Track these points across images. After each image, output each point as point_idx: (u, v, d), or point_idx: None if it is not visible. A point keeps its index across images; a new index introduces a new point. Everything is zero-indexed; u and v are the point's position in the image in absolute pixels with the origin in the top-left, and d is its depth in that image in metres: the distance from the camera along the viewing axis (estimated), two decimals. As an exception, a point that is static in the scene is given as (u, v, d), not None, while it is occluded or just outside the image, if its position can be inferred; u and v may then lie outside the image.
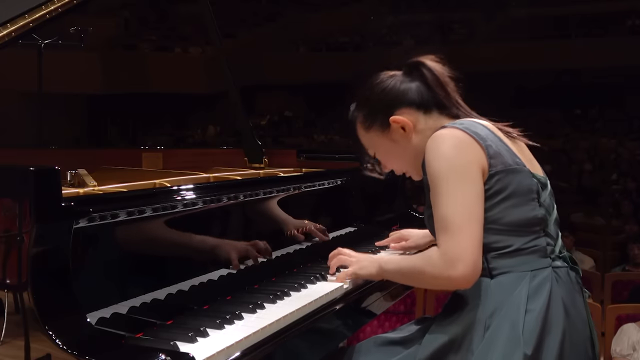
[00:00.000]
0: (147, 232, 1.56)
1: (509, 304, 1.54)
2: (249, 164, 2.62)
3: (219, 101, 12.35)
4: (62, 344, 1.20)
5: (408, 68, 1.75)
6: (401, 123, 1.71)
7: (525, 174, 1.61)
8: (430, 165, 1.58)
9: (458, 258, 1.50)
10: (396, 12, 15.00)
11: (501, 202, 1.58)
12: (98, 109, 13.17)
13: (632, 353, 3.67)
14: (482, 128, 1.63)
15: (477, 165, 1.56)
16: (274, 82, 14.62)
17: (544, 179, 1.66)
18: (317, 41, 16.15)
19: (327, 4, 15.41)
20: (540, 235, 1.61)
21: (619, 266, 5.87)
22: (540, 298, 1.54)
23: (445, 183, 1.55)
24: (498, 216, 1.58)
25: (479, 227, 1.54)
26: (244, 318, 1.52)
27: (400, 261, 1.74)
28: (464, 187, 1.54)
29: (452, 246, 1.52)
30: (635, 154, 12.27)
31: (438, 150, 1.58)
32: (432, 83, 1.72)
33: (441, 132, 1.61)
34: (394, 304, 2.78)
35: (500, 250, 1.58)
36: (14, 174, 1.31)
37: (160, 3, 14.43)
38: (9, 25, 1.98)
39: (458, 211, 1.53)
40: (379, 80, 1.77)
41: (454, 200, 1.53)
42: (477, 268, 1.52)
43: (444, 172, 1.56)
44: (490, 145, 1.59)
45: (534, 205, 1.60)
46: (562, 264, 1.62)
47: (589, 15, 14.80)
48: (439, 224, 1.55)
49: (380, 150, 1.80)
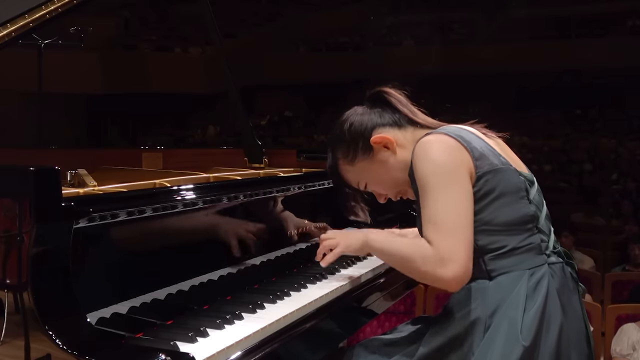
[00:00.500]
0: (147, 232, 1.56)
1: (508, 303, 1.55)
2: (249, 164, 2.62)
3: (219, 101, 12.36)
4: (62, 344, 1.20)
5: (370, 98, 1.81)
6: (383, 141, 1.74)
7: (511, 172, 1.62)
8: (418, 170, 1.59)
9: (451, 258, 1.50)
10: (396, 12, 15.00)
11: (492, 202, 1.58)
12: (98, 109, 13.17)
13: (632, 353, 3.67)
14: (466, 132, 1.65)
15: (464, 168, 1.57)
16: (274, 82, 14.63)
17: (530, 176, 1.67)
18: (317, 41, 16.15)
19: (327, 4, 15.41)
20: (534, 232, 1.61)
21: (619, 266, 5.87)
22: (538, 296, 1.55)
23: (435, 186, 1.55)
24: (490, 217, 1.58)
25: (470, 230, 1.54)
26: (244, 318, 1.52)
27: (390, 243, 1.71)
28: (453, 189, 1.55)
29: (446, 245, 1.51)
30: (635, 154, 12.28)
31: (426, 154, 1.59)
32: (396, 104, 1.77)
33: (427, 138, 1.63)
34: (394, 304, 2.77)
35: (496, 251, 1.59)
36: (14, 174, 1.31)
37: (160, 3, 14.44)
38: (9, 25, 1.98)
39: (450, 212, 1.53)
40: (345, 118, 1.81)
41: (444, 202, 1.54)
42: (468, 271, 1.52)
43: (433, 175, 1.56)
44: (475, 148, 1.60)
45: (524, 202, 1.61)
46: (557, 260, 1.62)
47: (589, 15, 14.80)
48: (430, 225, 1.54)
49: (371, 177, 1.79)
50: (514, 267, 1.58)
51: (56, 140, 3.63)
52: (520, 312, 1.52)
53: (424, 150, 1.60)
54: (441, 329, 1.63)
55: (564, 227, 6.23)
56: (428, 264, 1.53)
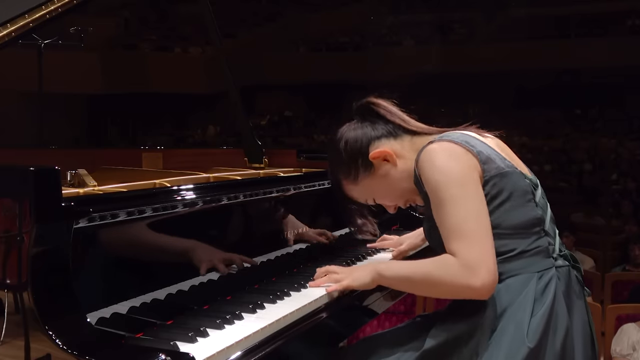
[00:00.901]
0: (147, 232, 1.56)
1: (516, 305, 1.55)
2: (249, 164, 2.62)
3: (219, 101, 12.36)
4: (62, 344, 1.20)
5: (359, 111, 1.79)
6: (381, 155, 1.72)
7: (517, 175, 1.62)
8: (429, 181, 1.58)
9: (479, 265, 1.48)
10: (396, 12, 14.99)
11: (499, 206, 1.58)
12: (98, 109, 13.17)
13: (632, 353, 3.67)
14: (469, 137, 1.64)
15: (475, 173, 1.57)
16: (274, 82, 14.62)
17: (535, 179, 1.67)
18: (317, 41, 16.14)
19: (327, 4, 15.40)
20: (541, 235, 1.61)
21: (619, 266, 5.87)
22: (546, 299, 1.55)
23: (449, 194, 1.54)
24: (499, 220, 1.57)
25: (491, 235, 1.53)
26: (244, 318, 1.52)
27: (406, 268, 1.68)
28: (469, 197, 1.53)
29: (471, 252, 1.49)
30: (635, 154, 12.28)
31: (433, 164, 1.58)
32: (385, 115, 1.76)
33: (431, 146, 1.61)
34: (394, 304, 2.77)
35: (505, 254, 1.58)
36: (14, 174, 1.31)
37: (160, 3, 14.44)
38: (9, 25, 1.98)
39: (469, 219, 1.51)
40: (339, 136, 1.78)
41: (463, 209, 1.52)
42: (496, 276, 1.51)
43: (446, 185, 1.55)
44: (481, 152, 1.59)
45: (531, 205, 1.61)
46: (563, 263, 1.63)
47: (589, 15, 14.79)
48: (451, 233, 1.53)
49: (376, 192, 1.78)
50: (522, 270, 1.58)
51: (56, 140, 3.64)
52: (527, 314, 1.52)
53: (431, 159, 1.59)
54: (447, 327, 1.62)
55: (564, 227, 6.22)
56: (457, 276, 1.50)
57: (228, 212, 1.86)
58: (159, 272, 1.58)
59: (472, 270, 1.48)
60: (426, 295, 1.50)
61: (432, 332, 1.63)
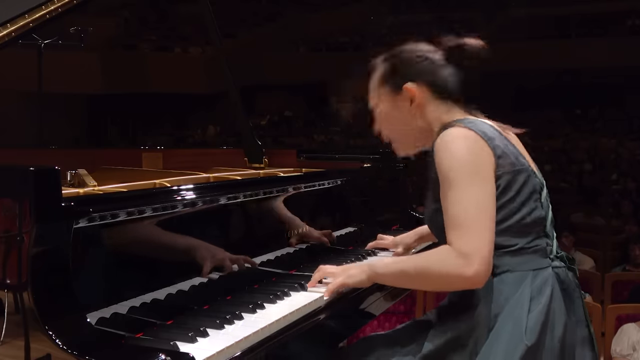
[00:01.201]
0: (147, 232, 1.56)
1: (512, 303, 1.55)
2: (249, 164, 2.62)
3: (219, 101, 12.35)
4: (62, 344, 1.20)
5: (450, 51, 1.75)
6: (412, 95, 1.71)
7: (529, 173, 1.62)
8: (441, 164, 1.58)
9: (472, 253, 1.49)
10: (396, 12, 14.99)
11: (508, 202, 1.58)
12: (98, 109, 13.17)
13: (632, 353, 3.66)
14: (489, 128, 1.64)
15: (486, 164, 1.57)
16: (274, 82, 14.63)
17: (543, 180, 1.68)
18: (317, 41, 16.15)
19: (327, 4, 15.41)
20: (541, 235, 1.62)
21: (619, 266, 5.86)
22: (543, 297, 1.55)
23: (457, 181, 1.55)
24: (505, 216, 1.58)
25: (492, 225, 1.54)
26: (244, 318, 1.52)
27: (400, 263, 1.71)
28: (476, 185, 1.54)
29: (466, 242, 1.51)
30: (635, 154, 12.28)
31: (449, 149, 1.58)
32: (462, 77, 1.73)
33: (451, 131, 1.61)
34: (394, 304, 2.77)
35: (505, 248, 1.59)
36: (14, 174, 1.31)
37: (160, 3, 14.44)
38: (9, 25, 1.98)
39: (471, 208, 1.52)
40: (420, 47, 1.76)
41: (466, 198, 1.53)
42: (490, 265, 1.52)
43: (456, 171, 1.55)
44: (498, 146, 1.59)
45: (537, 205, 1.62)
46: (560, 264, 1.63)
47: (589, 15, 14.81)
48: (450, 221, 1.54)
49: (381, 109, 1.78)
50: (518, 267, 1.58)
51: (56, 140, 3.63)
52: (525, 312, 1.53)
53: (446, 143, 1.59)
54: (445, 327, 1.63)
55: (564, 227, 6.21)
56: (450, 265, 1.51)
57: (228, 212, 1.86)
58: (158, 272, 1.58)
59: (466, 258, 1.49)
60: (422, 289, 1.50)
61: (430, 335, 1.63)
